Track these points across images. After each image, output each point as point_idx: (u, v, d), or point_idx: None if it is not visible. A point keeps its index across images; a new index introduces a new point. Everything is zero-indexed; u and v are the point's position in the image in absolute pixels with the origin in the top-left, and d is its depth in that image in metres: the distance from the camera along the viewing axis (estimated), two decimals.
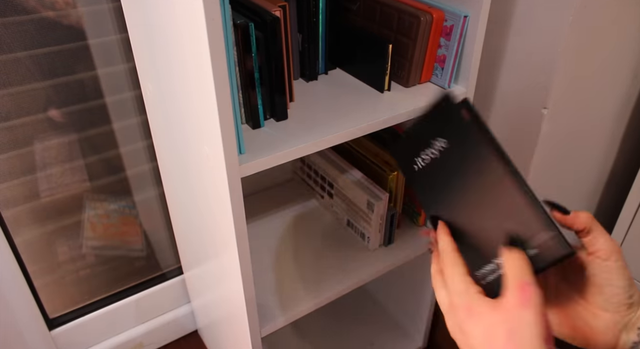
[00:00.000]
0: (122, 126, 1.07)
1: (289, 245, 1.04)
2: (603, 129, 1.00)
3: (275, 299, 0.92)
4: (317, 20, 0.83)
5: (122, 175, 1.13)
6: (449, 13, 0.80)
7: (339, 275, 0.97)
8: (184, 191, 0.93)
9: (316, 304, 0.92)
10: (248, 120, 0.75)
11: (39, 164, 1.01)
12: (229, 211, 0.70)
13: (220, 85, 0.59)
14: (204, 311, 1.22)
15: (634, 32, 0.89)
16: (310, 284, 0.95)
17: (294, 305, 0.91)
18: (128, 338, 1.29)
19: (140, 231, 1.23)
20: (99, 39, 0.96)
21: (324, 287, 0.94)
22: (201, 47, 0.57)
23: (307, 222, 1.10)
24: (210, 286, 1.02)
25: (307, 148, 0.72)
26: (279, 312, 0.89)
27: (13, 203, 1.02)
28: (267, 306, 0.90)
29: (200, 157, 0.74)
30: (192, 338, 1.38)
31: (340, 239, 1.05)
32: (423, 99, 0.83)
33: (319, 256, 1.01)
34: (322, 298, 0.92)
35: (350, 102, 0.82)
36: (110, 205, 1.15)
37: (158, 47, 0.75)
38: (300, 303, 0.91)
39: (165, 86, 0.79)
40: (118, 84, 1.02)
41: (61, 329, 1.20)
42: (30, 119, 0.96)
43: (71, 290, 1.19)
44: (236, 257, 0.75)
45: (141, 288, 1.27)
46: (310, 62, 0.86)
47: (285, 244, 1.04)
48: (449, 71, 0.84)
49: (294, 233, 1.07)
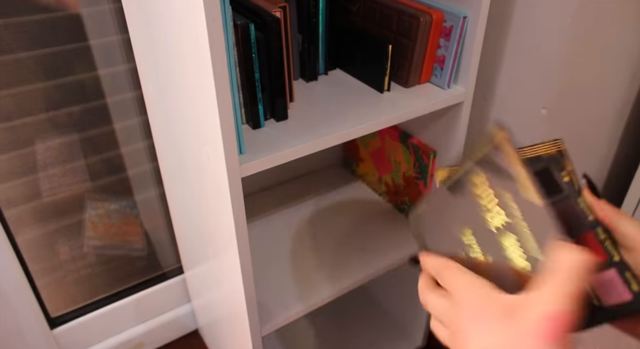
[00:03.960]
0: (123, 126, 1.07)
1: (289, 245, 1.04)
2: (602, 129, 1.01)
3: (276, 299, 0.92)
4: (317, 21, 0.83)
5: (123, 175, 1.13)
6: (448, 14, 0.80)
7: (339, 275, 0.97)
8: (184, 191, 0.93)
9: (316, 303, 0.92)
10: (248, 120, 0.75)
11: (40, 164, 1.01)
12: (229, 211, 0.71)
13: (221, 86, 0.59)
14: (204, 311, 1.23)
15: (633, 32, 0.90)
16: (311, 284, 0.95)
17: (294, 305, 0.91)
18: (129, 337, 1.29)
19: (141, 231, 1.24)
20: (100, 39, 0.96)
21: (324, 287, 0.94)
22: (202, 47, 0.58)
23: (307, 221, 1.11)
24: (211, 285, 1.03)
25: (307, 148, 0.72)
26: (279, 311, 0.90)
27: (15, 203, 1.02)
28: (267, 306, 0.90)
29: (201, 157, 0.75)
30: (192, 337, 1.39)
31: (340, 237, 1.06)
32: (423, 99, 0.83)
33: (319, 256, 1.01)
34: (322, 298, 0.92)
35: (350, 102, 0.82)
36: (111, 205, 1.15)
37: (159, 48, 0.75)
38: (301, 303, 0.91)
39: (166, 86, 0.79)
40: (119, 84, 1.02)
41: (62, 329, 1.20)
42: (31, 119, 0.96)
43: (72, 289, 1.20)
44: (236, 256, 0.76)
45: (142, 288, 1.28)
46: (310, 62, 0.87)
47: (286, 244, 1.05)
48: (448, 71, 0.84)
49: (295, 233, 1.07)
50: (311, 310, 0.92)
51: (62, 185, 1.06)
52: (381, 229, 1.08)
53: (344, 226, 1.09)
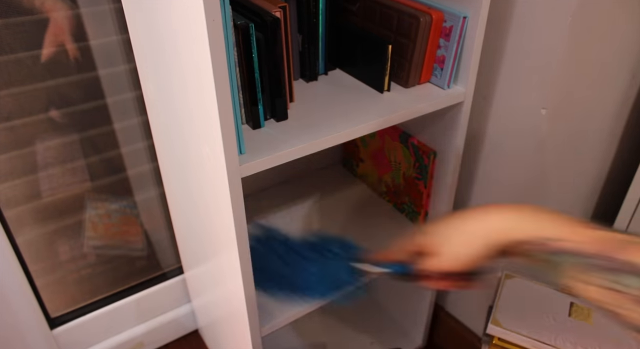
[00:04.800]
0: (123, 126, 1.07)
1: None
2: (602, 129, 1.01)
3: None
4: (317, 21, 0.83)
5: (123, 175, 1.13)
6: (448, 14, 0.80)
7: None
8: (184, 191, 0.93)
9: (316, 303, 0.92)
10: (248, 120, 0.75)
11: (40, 164, 1.01)
12: (229, 211, 0.71)
13: (221, 86, 0.59)
14: (204, 311, 1.23)
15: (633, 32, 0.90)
16: None
17: (294, 305, 0.91)
18: (129, 337, 1.29)
19: (141, 231, 1.24)
20: (100, 40, 0.96)
21: None
22: (202, 47, 0.58)
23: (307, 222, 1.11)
24: (211, 285, 1.03)
25: (307, 148, 0.72)
26: (279, 311, 0.90)
27: (15, 203, 1.02)
28: (267, 306, 0.90)
29: (201, 157, 0.75)
30: (192, 337, 1.39)
31: None
32: (422, 99, 0.83)
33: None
34: None
35: (350, 103, 0.82)
36: (111, 205, 1.15)
37: (159, 48, 0.75)
38: (300, 303, 0.91)
39: (166, 87, 0.79)
40: (119, 84, 1.03)
41: (62, 329, 1.20)
42: (31, 119, 0.96)
43: (72, 289, 1.20)
44: (236, 257, 0.76)
45: (142, 288, 1.28)
46: (310, 62, 0.87)
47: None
48: (448, 72, 0.84)
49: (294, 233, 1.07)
50: (311, 310, 0.92)
51: (62, 185, 1.06)
52: (381, 229, 1.08)
53: (343, 226, 1.09)
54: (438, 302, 1.31)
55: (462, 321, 1.25)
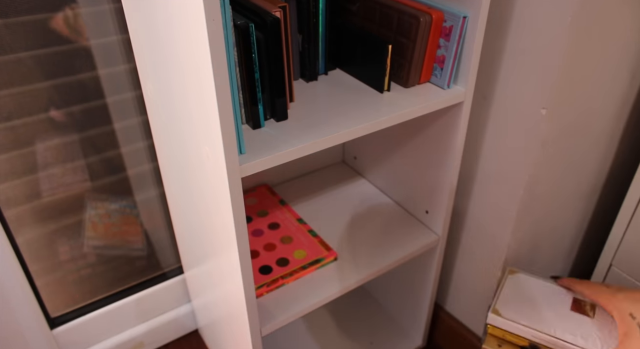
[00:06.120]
0: (123, 126, 1.07)
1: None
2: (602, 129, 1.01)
3: (276, 299, 0.92)
4: (317, 21, 0.83)
5: (123, 175, 1.13)
6: (448, 14, 0.80)
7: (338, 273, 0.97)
8: (184, 191, 0.93)
9: (316, 303, 0.92)
10: (248, 120, 0.75)
11: (40, 163, 1.01)
12: (229, 211, 0.71)
13: (221, 86, 0.59)
14: (204, 311, 1.23)
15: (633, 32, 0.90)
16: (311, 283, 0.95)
17: (294, 305, 0.91)
18: (129, 337, 1.29)
19: (141, 231, 1.24)
20: (100, 39, 0.96)
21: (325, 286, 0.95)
22: (202, 47, 0.58)
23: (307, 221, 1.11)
24: (211, 285, 1.03)
25: (307, 148, 0.72)
26: (279, 311, 0.90)
27: (15, 203, 1.02)
28: (267, 306, 0.91)
29: (201, 157, 0.75)
30: (192, 337, 1.39)
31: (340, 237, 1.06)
32: (422, 99, 0.83)
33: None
34: (322, 297, 0.92)
35: (350, 102, 0.82)
36: (111, 205, 1.15)
37: (159, 48, 0.75)
38: (300, 303, 0.91)
39: (166, 86, 0.79)
40: (119, 84, 1.03)
41: (62, 329, 1.20)
42: (31, 119, 0.96)
43: (72, 289, 1.20)
44: (236, 256, 0.76)
45: (142, 287, 1.28)
46: (310, 62, 0.87)
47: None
48: (448, 72, 0.84)
49: None
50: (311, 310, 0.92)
51: (62, 185, 1.06)
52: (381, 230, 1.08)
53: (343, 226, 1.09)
54: (438, 302, 1.31)
55: (462, 320, 1.26)
